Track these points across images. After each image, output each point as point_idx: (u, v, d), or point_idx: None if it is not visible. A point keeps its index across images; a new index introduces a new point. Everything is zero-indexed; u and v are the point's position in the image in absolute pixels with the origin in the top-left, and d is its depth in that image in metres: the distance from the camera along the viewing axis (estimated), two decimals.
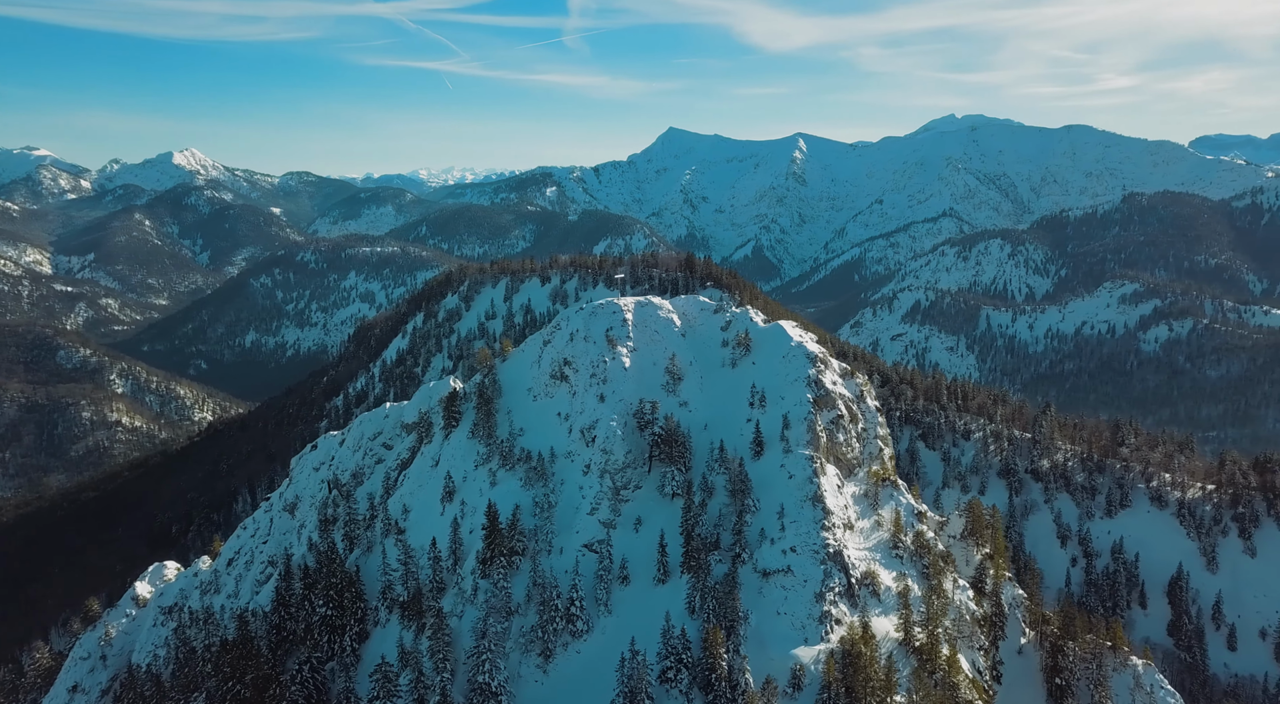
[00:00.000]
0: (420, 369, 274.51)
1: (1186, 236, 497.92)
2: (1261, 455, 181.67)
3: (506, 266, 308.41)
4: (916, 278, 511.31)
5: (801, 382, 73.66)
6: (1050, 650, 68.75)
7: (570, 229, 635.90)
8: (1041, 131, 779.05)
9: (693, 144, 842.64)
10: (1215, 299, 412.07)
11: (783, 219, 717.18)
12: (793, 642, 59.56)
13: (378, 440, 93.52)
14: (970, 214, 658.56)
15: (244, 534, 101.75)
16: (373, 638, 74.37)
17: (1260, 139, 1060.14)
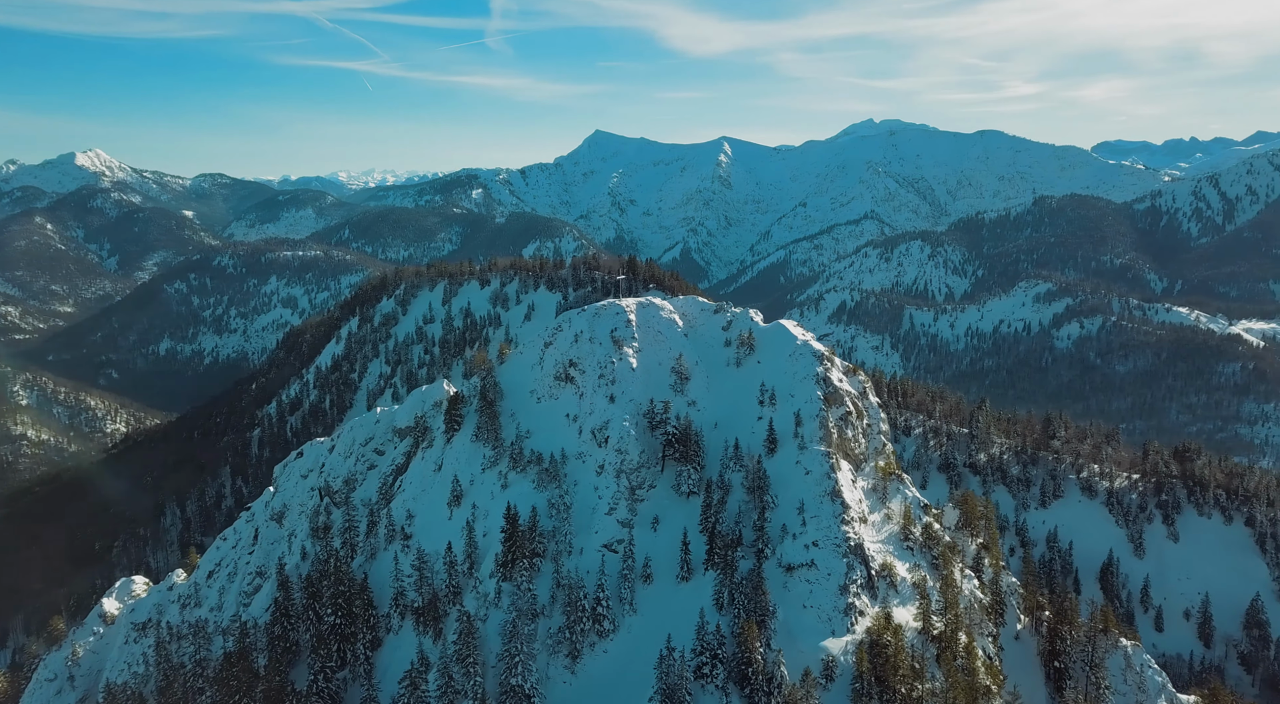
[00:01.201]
0: (357, 375, 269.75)
1: (1093, 238, 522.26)
2: (1181, 445, 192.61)
3: (444, 269, 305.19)
4: (841, 279, 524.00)
5: (811, 379, 75.83)
6: (1048, 636, 72.37)
7: (498, 231, 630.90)
8: (956, 136, 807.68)
9: (619, 147, 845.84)
10: (1121, 297, 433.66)
11: (709, 222, 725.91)
12: (821, 634, 61.49)
13: (369, 446, 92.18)
14: (890, 216, 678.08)
15: (224, 545, 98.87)
16: (385, 645, 73.51)
17: (1155, 145, 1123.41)
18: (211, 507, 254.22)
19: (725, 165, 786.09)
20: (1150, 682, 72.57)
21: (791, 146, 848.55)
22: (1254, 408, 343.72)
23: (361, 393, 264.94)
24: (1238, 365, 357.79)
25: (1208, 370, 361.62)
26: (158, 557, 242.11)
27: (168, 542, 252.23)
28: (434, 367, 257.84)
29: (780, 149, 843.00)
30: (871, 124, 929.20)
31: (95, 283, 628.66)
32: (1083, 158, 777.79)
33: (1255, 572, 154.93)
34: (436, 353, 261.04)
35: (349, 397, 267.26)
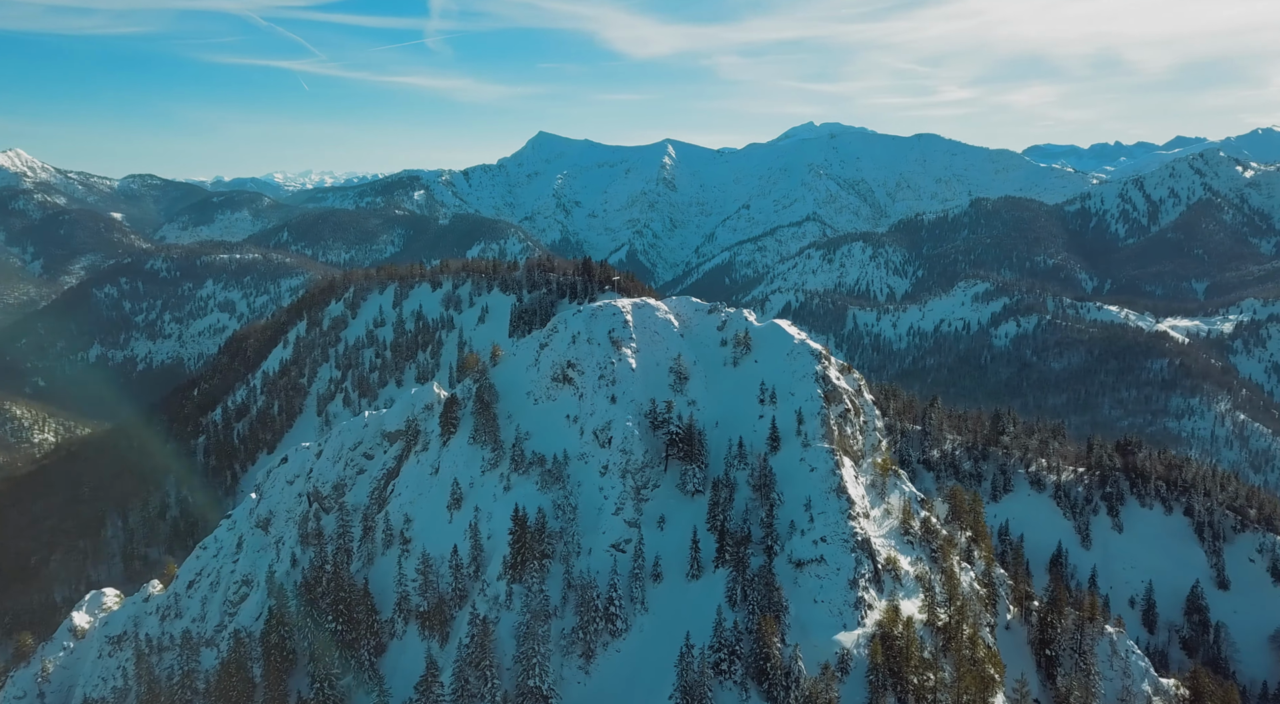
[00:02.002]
0: (306, 380, 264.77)
1: (1027, 238, 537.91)
2: (1123, 439, 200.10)
3: (393, 272, 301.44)
4: (785, 280, 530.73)
5: (810, 378, 77.28)
6: (1039, 625, 74.95)
7: (441, 233, 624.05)
8: (895, 139, 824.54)
9: (563, 149, 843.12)
10: (1055, 296, 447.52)
11: (655, 224, 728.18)
12: (833, 628, 62.86)
13: (358, 450, 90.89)
14: (832, 218, 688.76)
15: (204, 555, 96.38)
16: (390, 651, 72.66)
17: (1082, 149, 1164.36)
18: (156, 517, 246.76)
19: (669, 167, 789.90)
20: (1134, 666, 75.80)
21: (734, 149, 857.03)
22: (1180, 402, 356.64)
23: (311, 398, 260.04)
24: (1165, 361, 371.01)
25: (1137, 366, 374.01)
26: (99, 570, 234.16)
27: (109, 554, 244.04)
28: (386, 370, 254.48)
29: (723, 151, 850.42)
30: (812, 127, 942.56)
31: (18, 287, 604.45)
32: (1015, 161, 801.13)
33: (1194, 559, 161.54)
34: (388, 356, 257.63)
35: (298, 402, 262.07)
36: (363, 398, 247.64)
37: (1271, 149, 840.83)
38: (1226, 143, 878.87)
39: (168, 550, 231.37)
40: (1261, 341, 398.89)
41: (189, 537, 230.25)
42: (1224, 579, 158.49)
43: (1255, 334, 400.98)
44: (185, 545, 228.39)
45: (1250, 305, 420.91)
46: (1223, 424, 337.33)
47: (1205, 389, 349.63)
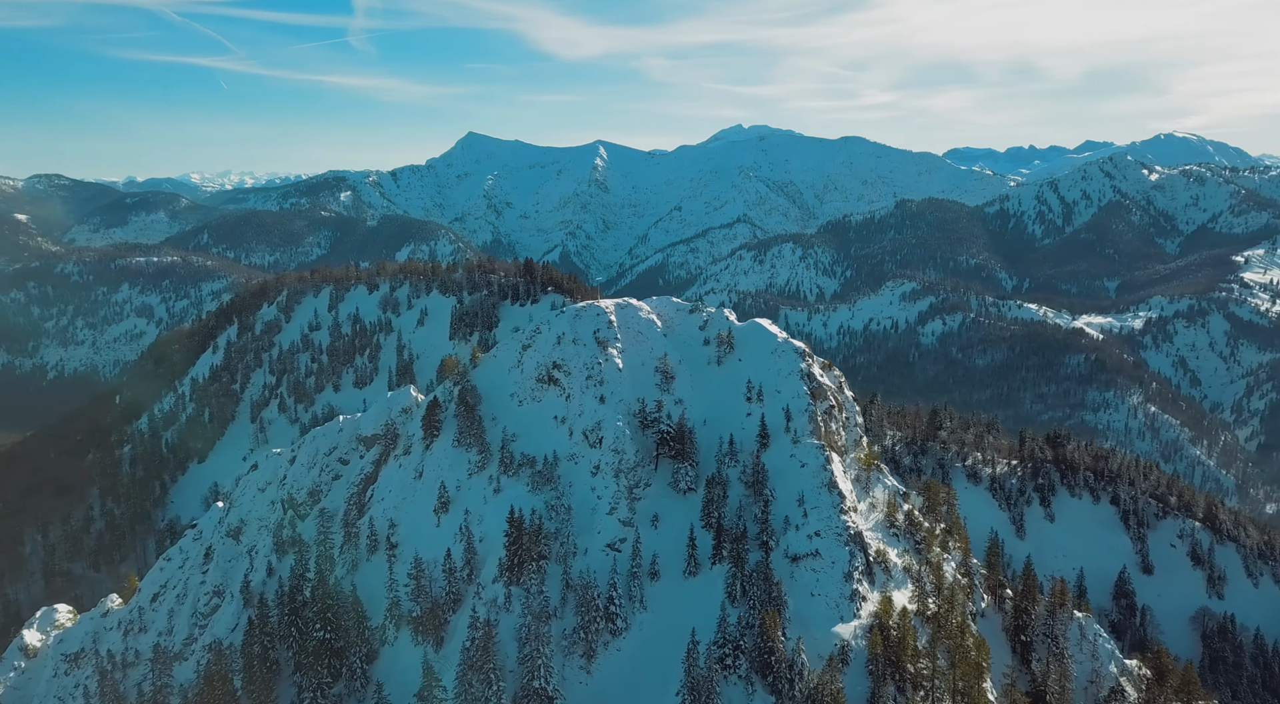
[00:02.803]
0: (239, 386, 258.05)
1: (950, 239, 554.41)
2: (1052, 432, 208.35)
3: (328, 274, 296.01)
4: (718, 281, 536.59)
5: (795, 375, 78.73)
6: (1014, 612, 77.82)
7: (370, 235, 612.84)
8: (822, 142, 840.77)
9: (494, 149, 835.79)
10: (978, 295, 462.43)
11: (588, 225, 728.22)
12: (830, 620, 64.33)
13: (333, 456, 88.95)
14: (762, 220, 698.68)
15: (169, 566, 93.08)
16: (382, 657, 71.43)
17: (999, 152, 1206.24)
18: (79, 532, 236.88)
19: (601, 169, 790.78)
20: (1101, 649, 79.43)
21: (665, 151, 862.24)
22: (1096, 396, 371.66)
23: (244, 404, 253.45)
24: (1081, 357, 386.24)
25: (1056, 362, 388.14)
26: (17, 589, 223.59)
27: (28, 572, 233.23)
28: (323, 375, 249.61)
29: (654, 153, 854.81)
30: (740, 129, 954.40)
31: None
32: (937, 163, 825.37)
33: (1121, 546, 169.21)
34: (325, 361, 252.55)
35: (231, 409, 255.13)
36: (299, 404, 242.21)
37: (1173, 153, 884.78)
38: (1132, 147, 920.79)
39: (92, 566, 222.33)
40: (1169, 337, 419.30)
41: (115, 551, 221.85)
42: (1148, 564, 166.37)
43: (1163, 330, 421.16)
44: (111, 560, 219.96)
45: (1158, 303, 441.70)
46: (1135, 416, 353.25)
47: (1119, 383, 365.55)
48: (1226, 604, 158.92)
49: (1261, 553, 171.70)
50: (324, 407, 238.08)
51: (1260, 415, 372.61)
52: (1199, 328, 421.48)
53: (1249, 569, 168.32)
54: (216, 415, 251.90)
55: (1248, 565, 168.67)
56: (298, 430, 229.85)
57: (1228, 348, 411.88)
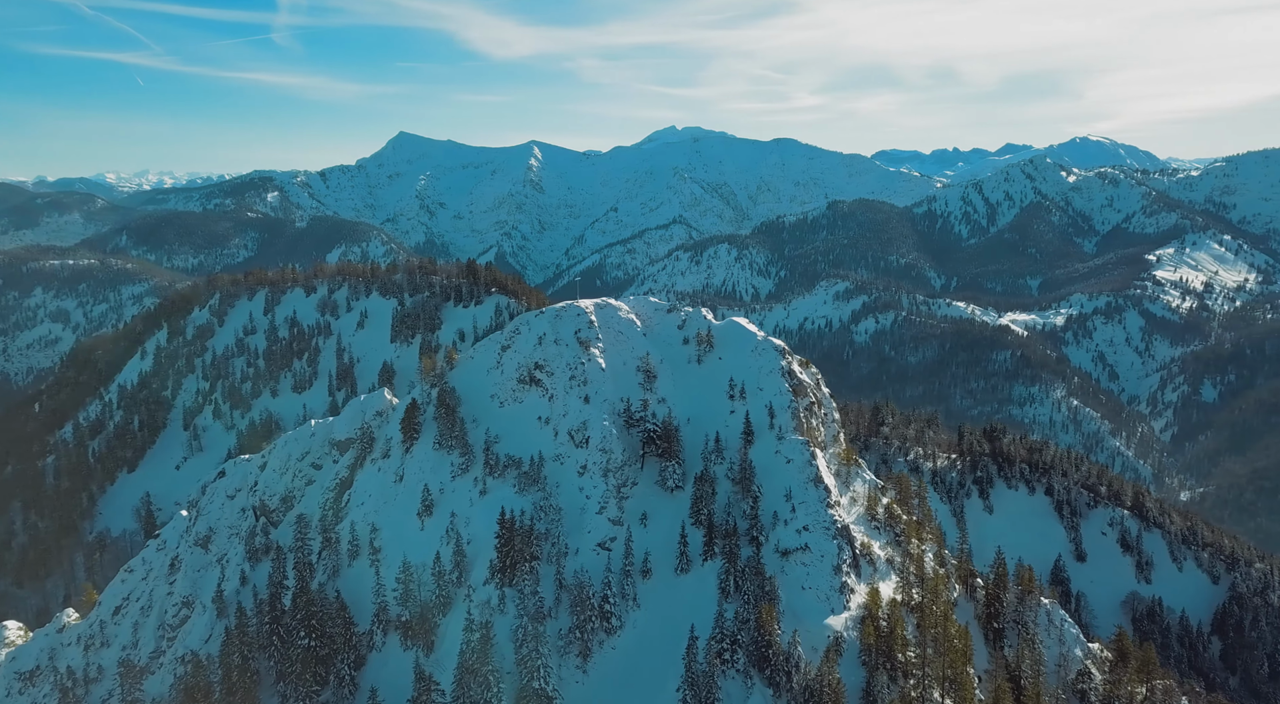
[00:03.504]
0: (170, 392, 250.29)
1: (881, 239, 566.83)
2: (988, 426, 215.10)
3: (263, 277, 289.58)
4: (655, 282, 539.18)
5: (777, 373, 79.84)
6: (986, 601, 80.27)
7: (299, 236, 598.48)
8: (755, 144, 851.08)
9: (426, 149, 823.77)
10: (909, 294, 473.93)
11: (523, 226, 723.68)
12: (822, 613, 65.61)
13: (306, 461, 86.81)
14: (698, 221, 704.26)
15: (130, 578, 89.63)
16: (370, 663, 70.09)
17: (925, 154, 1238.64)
18: (0, 547, 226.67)
19: (536, 169, 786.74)
20: (1067, 634, 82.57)
21: (600, 152, 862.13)
22: (1022, 390, 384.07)
23: (177, 411, 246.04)
24: (1008, 353, 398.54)
25: (984, 359, 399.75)
26: None
27: None
28: (260, 380, 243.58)
29: (589, 154, 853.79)
30: (674, 131, 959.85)
31: None
32: (867, 165, 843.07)
33: (1055, 535, 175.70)
34: (262, 366, 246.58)
35: (161, 416, 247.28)
36: (235, 410, 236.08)
37: (1088, 156, 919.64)
38: (1050, 150, 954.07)
39: (16, 582, 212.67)
40: (1088, 333, 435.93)
41: (40, 566, 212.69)
42: (1081, 552, 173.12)
43: (1083, 326, 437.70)
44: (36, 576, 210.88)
45: (1078, 300, 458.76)
46: (1059, 410, 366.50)
47: (1043, 378, 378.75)
48: (1154, 588, 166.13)
49: (1185, 538, 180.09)
50: (262, 412, 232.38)
51: (1173, 407, 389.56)
52: (1116, 324, 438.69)
53: (1174, 554, 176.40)
54: (147, 423, 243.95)
55: (1173, 551, 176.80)
56: (234, 437, 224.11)
57: (1143, 343, 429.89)
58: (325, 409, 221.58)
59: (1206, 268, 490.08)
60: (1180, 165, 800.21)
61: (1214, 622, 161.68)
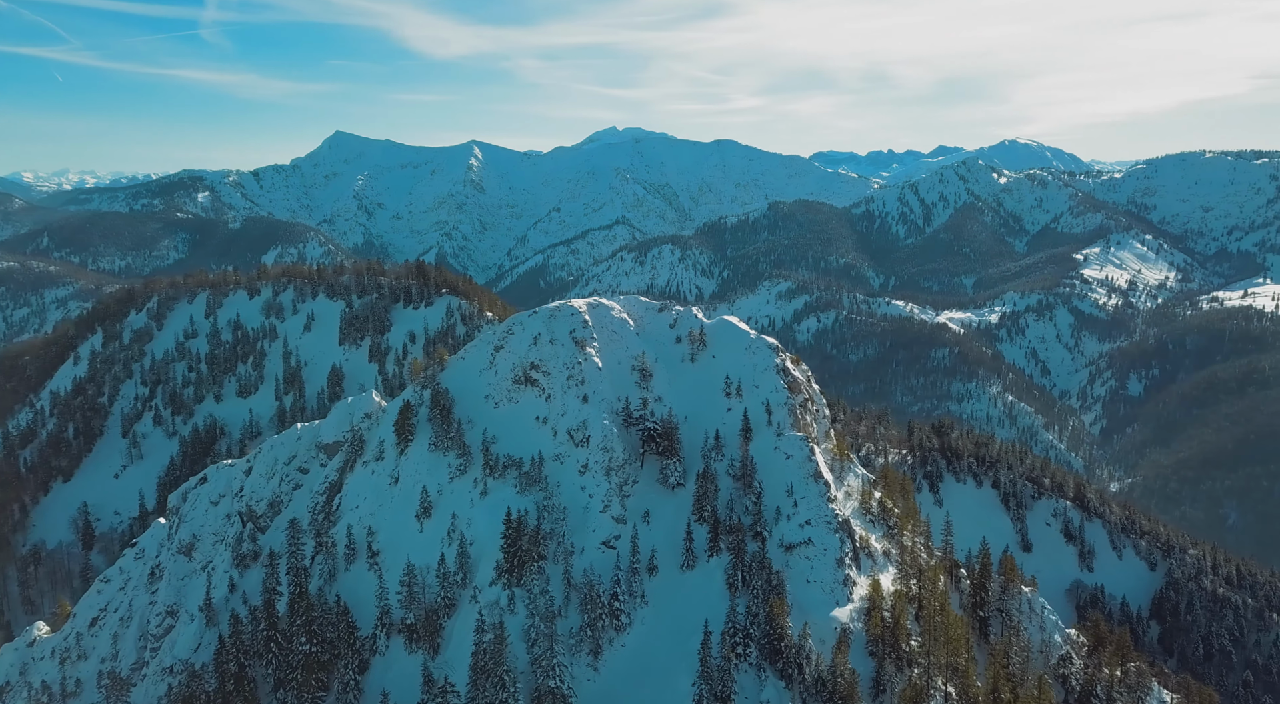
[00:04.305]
0: (107, 399, 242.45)
1: (820, 239, 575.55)
2: (937, 421, 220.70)
3: (204, 279, 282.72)
4: (600, 282, 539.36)
5: (772, 371, 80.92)
6: (972, 590, 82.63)
7: (233, 237, 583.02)
8: (696, 145, 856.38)
9: (363, 149, 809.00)
10: (850, 293, 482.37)
11: (464, 226, 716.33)
12: (828, 605, 66.88)
13: (292, 465, 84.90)
14: (641, 221, 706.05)
15: (107, 589, 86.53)
16: (374, 667, 68.95)
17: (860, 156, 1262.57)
18: None
19: (477, 169, 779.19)
20: (1047, 621, 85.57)
21: (541, 152, 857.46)
22: (960, 387, 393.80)
23: (114, 418, 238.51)
24: (945, 350, 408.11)
25: (923, 356, 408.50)
26: None
27: None
28: (202, 385, 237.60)
29: (530, 154, 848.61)
30: (615, 131, 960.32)
31: None
32: (806, 166, 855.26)
33: (1003, 527, 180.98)
34: (204, 370, 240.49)
35: (98, 424, 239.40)
36: (176, 416, 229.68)
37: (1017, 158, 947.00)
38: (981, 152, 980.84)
39: None
40: (1021, 330, 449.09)
41: None
42: (1027, 542, 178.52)
43: (1016, 324, 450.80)
44: None
45: (1011, 298, 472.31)
46: (995, 405, 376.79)
47: (980, 374, 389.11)
48: (1096, 576, 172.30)
49: (1124, 528, 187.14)
50: (205, 418, 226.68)
51: (1102, 401, 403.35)
52: (1047, 321, 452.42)
53: (1114, 543, 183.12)
54: (82, 431, 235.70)
55: (1113, 540, 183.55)
56: (176, 444, 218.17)
57: (1072, 339, 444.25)
58: (272, 414, 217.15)
59: (1130, 266, 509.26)
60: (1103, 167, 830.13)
61: (1152, 607, 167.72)
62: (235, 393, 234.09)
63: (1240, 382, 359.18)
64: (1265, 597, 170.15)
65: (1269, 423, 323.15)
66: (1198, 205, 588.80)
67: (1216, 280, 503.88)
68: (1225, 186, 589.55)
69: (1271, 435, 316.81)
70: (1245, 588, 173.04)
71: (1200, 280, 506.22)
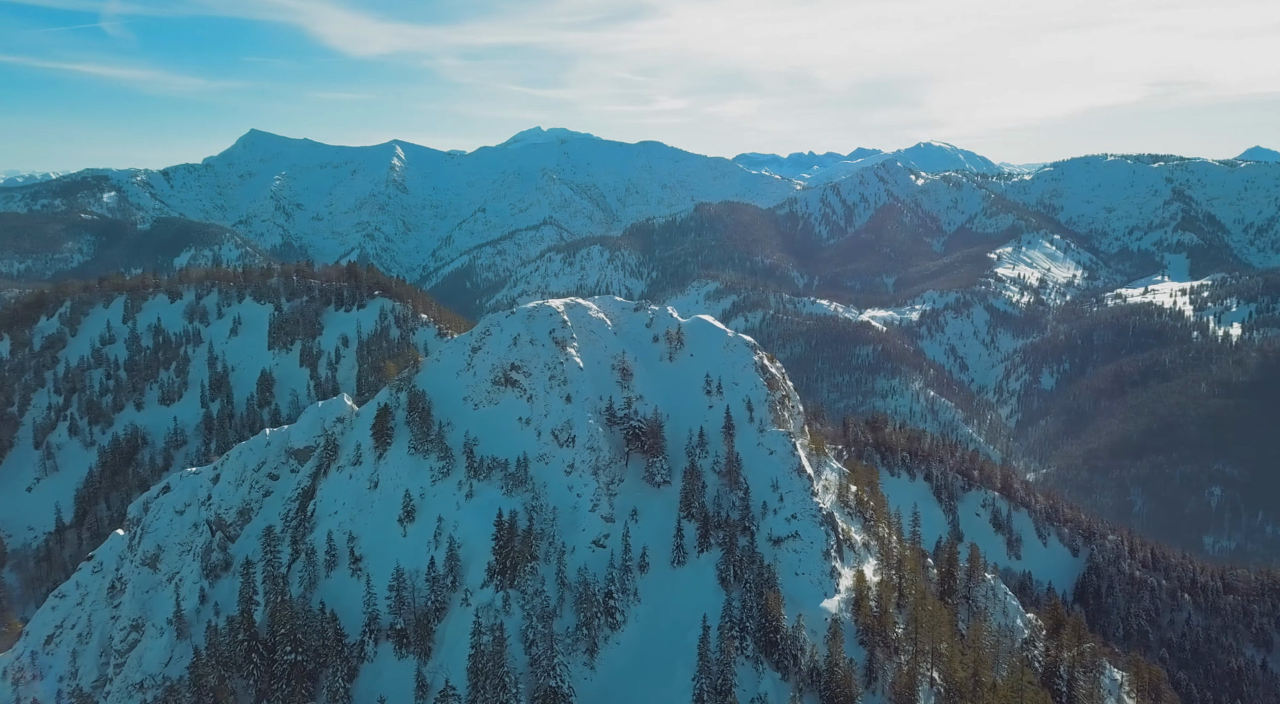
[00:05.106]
0: (16, 408, 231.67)
1: (747, 240, 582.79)
2: (871, 417, 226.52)
3: (120, 283, 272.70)
4: (529, 283, 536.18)
5: (751, 368, 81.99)
6: (940, 578, 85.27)
7: (143, 239, 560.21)
8: (622, 146, 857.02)
9: (281, 148, 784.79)
10: (776, 293, 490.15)
11: (387, 227, 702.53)
12: (817, 597, 68.32)
13: (262, 471, 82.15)
14: (568, 222, 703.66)
15: (63, 604, 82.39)
16: (363, 674, 67.39)
17: (783, 158, 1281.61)
18: None
19: (399, 169, 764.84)
20: (1010, 606, 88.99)
21: (465, 152, 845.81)
22: (884, 383, 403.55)
23: (26, 429, 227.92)
24: (869, 347, 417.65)
25: (848, 354, 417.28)
26: None
27: None
28: (122, 393, 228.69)
29: (454, 154, 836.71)
30: (540, 132, 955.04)
31: None
32: (731, 168, 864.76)
33: (936, 518, 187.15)
34: (123, 377, 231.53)
35: (8, 434, 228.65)
36: (94, 425, 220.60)
37: (932, 160, 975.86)
38: (898, 154, 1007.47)
39: None
40: (940, 327, 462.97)
41: None
42: (959, 532, 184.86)
43: (935, 321, 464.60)
44: None
45: (930, 296, 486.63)
46: (918, 401, 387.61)
47: (903, 371, 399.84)
48: (1024, 563, 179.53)
49: (1048, 516, 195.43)
50: (126, 427, 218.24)
51: (1017, 395, 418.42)
52: (965, 319, 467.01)
53: (1039, 531, 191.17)
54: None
55: (1038, 528, 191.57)
56: (95, 455, 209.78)
57: (989, 336, 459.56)
58: (199, 421, 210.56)
59: (1041, 265, 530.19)
60: (1013, 170, 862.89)
61: (1076, 591, 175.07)
62: (158, 400, 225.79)
63: (1143, 374, 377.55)
64: (1178, 578, 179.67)
65: (1170, 413, 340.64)
66: (1101, 206, 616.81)
67: (1120, 278, 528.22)
68: (1126, 189, 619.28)
69: (1173, 425, 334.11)
70: (1160, 570, 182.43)
71: (1105, 278, 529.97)
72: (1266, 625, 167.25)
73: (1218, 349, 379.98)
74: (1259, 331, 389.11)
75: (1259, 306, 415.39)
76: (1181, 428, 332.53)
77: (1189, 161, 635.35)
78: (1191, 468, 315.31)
